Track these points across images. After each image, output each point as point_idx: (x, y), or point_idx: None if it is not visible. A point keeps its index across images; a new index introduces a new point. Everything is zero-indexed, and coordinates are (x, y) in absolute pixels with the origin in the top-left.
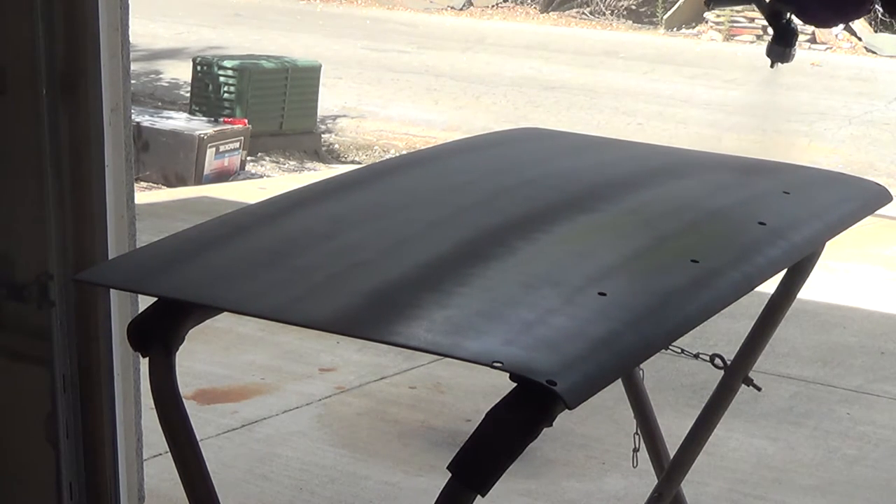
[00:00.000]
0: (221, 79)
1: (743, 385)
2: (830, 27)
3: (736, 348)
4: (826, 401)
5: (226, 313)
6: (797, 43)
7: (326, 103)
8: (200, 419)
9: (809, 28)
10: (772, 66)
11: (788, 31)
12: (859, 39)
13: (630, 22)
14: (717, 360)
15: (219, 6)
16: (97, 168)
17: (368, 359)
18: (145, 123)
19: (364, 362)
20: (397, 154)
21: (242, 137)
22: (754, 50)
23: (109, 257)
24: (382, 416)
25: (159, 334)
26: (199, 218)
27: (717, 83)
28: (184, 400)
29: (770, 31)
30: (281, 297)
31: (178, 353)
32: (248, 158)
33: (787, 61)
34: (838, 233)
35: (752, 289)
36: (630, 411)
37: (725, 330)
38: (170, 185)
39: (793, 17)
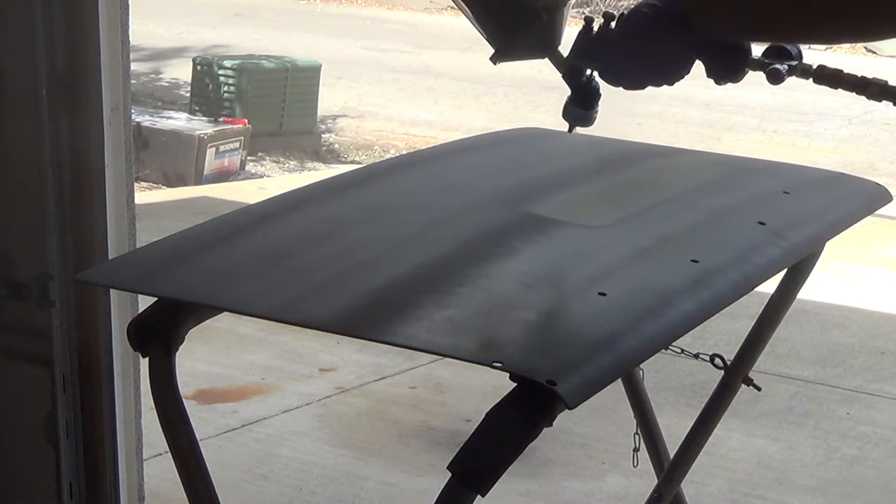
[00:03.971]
0: (221, 79)
1: (743, 385)
2: (641, 89)
3: (736, 348)
4: (826, 401)
5: (226, 313)
6: (598, 105)
7: (326, 103)
8: (200, 419)
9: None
10: (570, 130)
11: (589, 92)
12: None
13: None
14: (717, 360)
15: (219, 6)
16: (97, 168)
17: (368, 359)
18: (145, 123)
19: (364, 362)
20: (397, 154)
21: (242, 137)
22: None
23: (109, 257)
24: (382, 416)
25: (159, 334)
26: (199, 218)
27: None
28: (184, 400)
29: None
30: (281, 297)
31: (178, 353)
32: (248, 158)
33: (587, 125)
34: (838, 233)
35: (752, 289)
36: (630, 411)
37: (725, 330)
38: (170, 185)
39: (595, 75)
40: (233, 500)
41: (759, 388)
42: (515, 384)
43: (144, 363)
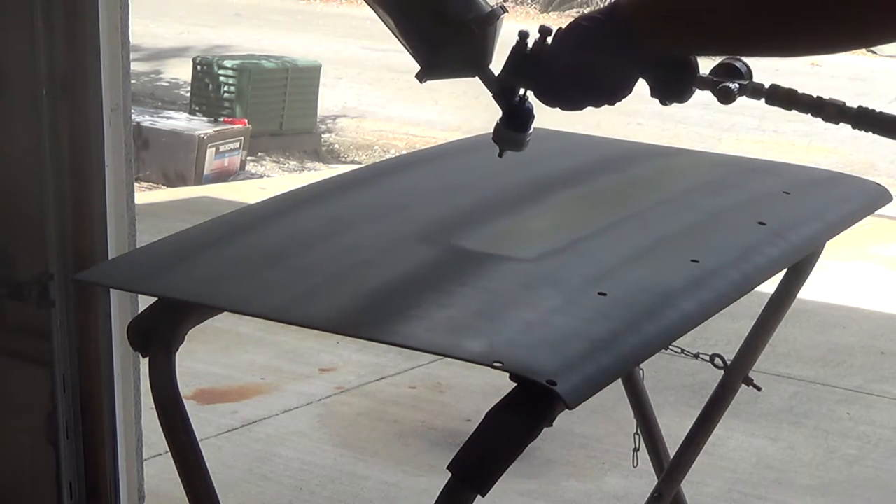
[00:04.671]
0: (221, 79)
1: (743, 385)
2: (579, 110)
3: (736, 348)
4: (826, 401)
5: (226, 313)
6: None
7: (326, 103)
8: (200, 419)
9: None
10: (500, 154)
11: (522, 114)
12: None
13: None
14: (717, 360)
15: (219, 6)
16: (97, 168)
17: (368, 359)
18: (145, 123)
19: (364, 362)
20: (397, 154)
21: (242, 137)
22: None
23: (109, 257)
24: (382, 416)
25: (159, 334)
26: (199, 218)
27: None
28: (184, 400)
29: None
30: (281, 297)
31: (178, 353)
32: (249, 158)
33: (519, 149)
34: (838, 233)
35: (752, 289)
36: (630, 411)
37: (725, 330)
38: (170, 185)
39: (529, 95)
40: (233, 500)
41: (759, 388)
42: (515, 384)
43: (144, 363)
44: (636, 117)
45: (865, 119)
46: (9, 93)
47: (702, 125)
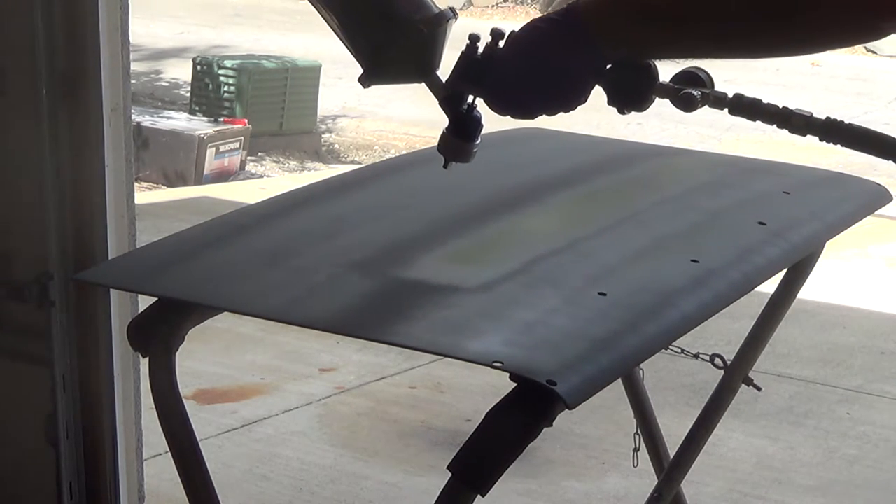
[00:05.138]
0: (221, 79)
1: (743, 385)
2: (532, 118)
3: (736, 348)
4: (826, 401)
5: (226, 313)
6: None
7: (326, 103)
8: (200, 419)
9: None
10: (445, 165)
11: (470, 122)
12: None
13: None
14: (717, 360)
15: (219, 6)
16: (97, 168)
17: (368, 359)
18: (145, 123)
19: (364, 362)
20: (397, 154)
21: (242, 137)
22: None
23: (109, 257)
24: (382, 416)
25: (159, 334)
26: (199, 218)
27: (717, 83)
28: (184, 400)
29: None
30: (281, 297)
31: (178, 353)
32: (249, 158)
33: (466, 160)
34: (838, 233)
35: (752, 289)
36: (630, 411)
37: (725, 330)
38: (170, 184)
39: (478, 102)
40: (233, 500)
41: (759, 388)
42: (515, 384)
43: (144, 363)
44: (636, 117)
45: (834, 131)
46: (9, 93)
47: (702, 125)
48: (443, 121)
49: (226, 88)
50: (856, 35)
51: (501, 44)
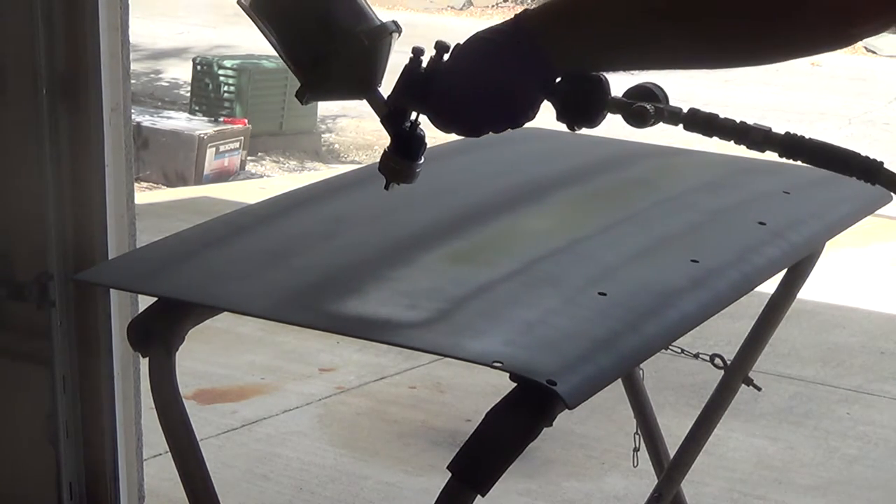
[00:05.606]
0: (221, 78)
1: (743, 385)
2: (477, 136)
3: (736, 348)
4: (826, 401)
5: (226, 313)
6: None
7: (326, 103)
8: (200, 419)
9: None
10: (386, 187)
11: (413, 141)
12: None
13: None
14: (717, 360)
15: (219, 6)
16: (97, 168)
17: (368, 359)
18: (145, 123)
19: (364, 362)
20: None
21: (242, 137)
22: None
23: (109, 257)
24: (382, 416)
25: (159, 334)
26: (199, 218)
27: (716, 83)
28: (184, 400)
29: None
30: (281, 297)
31: (178, 353)
32: (248, 158)
33: (409, 181)
34: (838, 233)
35: (752, 289)
36: (630, 411)
37: (725, 330)
38: (170, 185)
39: (421, 120)
40: (233, 500)
41: (759, 388)
42: (515, 384)
43: (144, 363)
44: None
45: (793, 146)
46: (9, 93)
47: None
48: None
49: (226, 88)
50: (828, 42)
51: (446, 57)
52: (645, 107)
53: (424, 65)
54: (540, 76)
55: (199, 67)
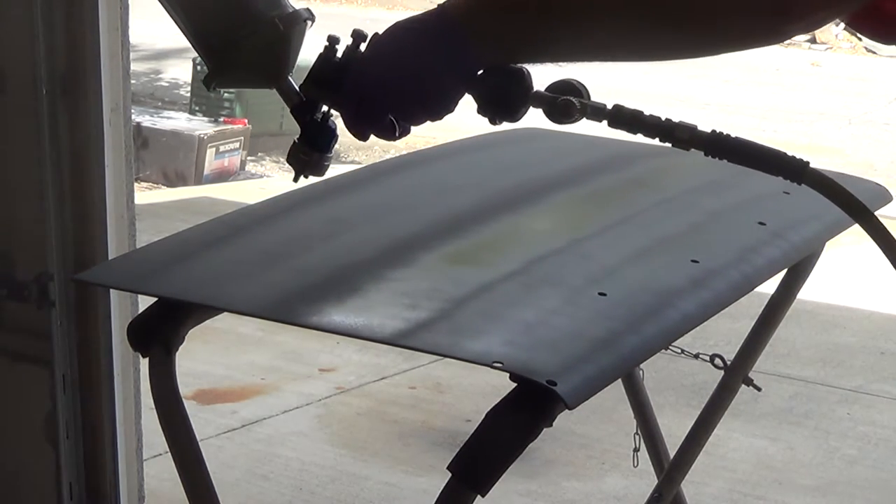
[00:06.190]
0: None
1: (743, 385)
2: (393, 138)
3: (736, 348)
4: (826, 401)
5: (226, 313)
6: (334, 148)
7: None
8: (200, 419)
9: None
10: (295, 179)
11: (323, 132)
12: (859, 39)
13: None
14: (717, 360)
15: None
16: (97, 168)
17: (368, 359)
18: (145, 123)
19: (364, 362)
20: (397, 154)
21: (242, 137)
22: (753, 49)
23: (109, 257)
24: (382, 416)
25: (159, 334)
26: (199, 218)
27: (716, 83)
28: (184, 400)
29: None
30: (281, 297)
31: (178, 353)
32: (248, 158)
33: (318, 174)
34: (838, 233)
35: (752, 289)
36: (630, 411)
37: (725, 330)
38: (170, 185)
39: (332, 112)
40: (233, 500)
41: (759, 388)
42: (515, 384)
43: (144, 363)
44: None
45: (719, 145)
46: (9, 93)
47: (701, 125)
48: (441, 121)
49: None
50: (763, 38)
51: (363, 47)
52: (571, 101)
53: (340, 54)
54: (462, 68)
55: (199, 67)
